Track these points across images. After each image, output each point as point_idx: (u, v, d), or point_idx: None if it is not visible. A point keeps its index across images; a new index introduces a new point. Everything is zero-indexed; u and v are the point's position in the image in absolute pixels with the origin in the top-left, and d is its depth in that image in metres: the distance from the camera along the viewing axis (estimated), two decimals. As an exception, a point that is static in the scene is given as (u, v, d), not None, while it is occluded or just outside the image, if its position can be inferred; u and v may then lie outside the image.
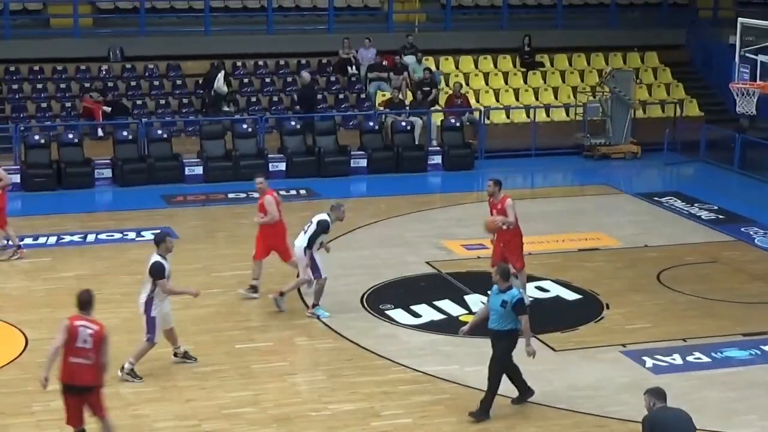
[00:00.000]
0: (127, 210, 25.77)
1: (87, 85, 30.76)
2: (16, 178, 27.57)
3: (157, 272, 15.86)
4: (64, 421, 13.35)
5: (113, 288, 19.64)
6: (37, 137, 28.51)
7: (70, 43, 31.84)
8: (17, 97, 30.41)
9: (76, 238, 23.06)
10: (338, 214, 18.82)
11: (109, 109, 29.79)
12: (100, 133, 29.69)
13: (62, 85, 31.04)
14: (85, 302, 13.28)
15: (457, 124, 31.18)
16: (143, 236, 23.01)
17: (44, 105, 30.30)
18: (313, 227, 18.51)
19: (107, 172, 28.41)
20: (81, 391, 13.10)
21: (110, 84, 31.09)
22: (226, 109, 30.67)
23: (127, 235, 23.46)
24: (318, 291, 18.71)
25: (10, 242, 21.82)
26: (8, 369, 16.32)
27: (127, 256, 21.76)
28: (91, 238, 23.03)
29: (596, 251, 22.90)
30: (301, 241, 18.58)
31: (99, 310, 13.84)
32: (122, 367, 15.88)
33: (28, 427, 14.46)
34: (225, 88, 30.64)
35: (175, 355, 16.71)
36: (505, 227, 18.71)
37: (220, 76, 30.58)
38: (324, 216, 18.63)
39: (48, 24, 33.01)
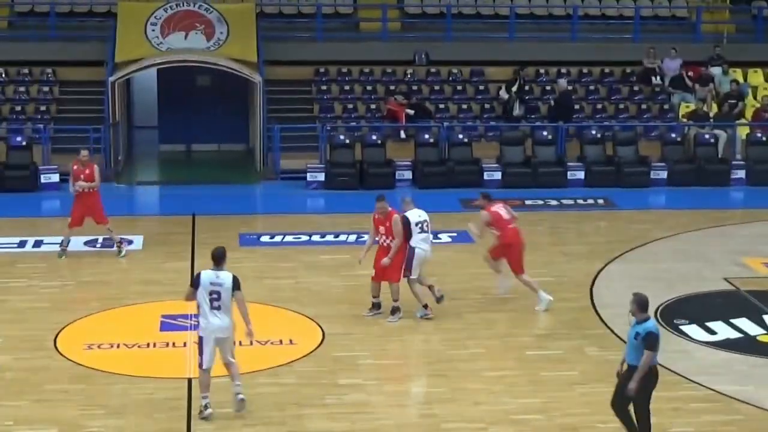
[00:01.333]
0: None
1: (392, 87, 31.47)
2: (321, 177, 28.47)
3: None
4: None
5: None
6: (342, 137, 29.36)
7: (378, 46, 32.64)
8: (325, 97, 31.39)
9: (374, 237, 23.46)
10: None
11: (412, 111, 30.33)
12: (402, 135, 30.28)
13: (368, 87, 31.86)
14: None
15: (764, 139, 30.30)
16: (439, 238, 23.28)
17: (350, 106, 31.15)
18: (430, 223, 19.18)
19: (407, 174, 28.98)
20: None
21: (414, 87, 31.71)
22: (515, 113, 30.79)
23: (424, 236, 23.74)
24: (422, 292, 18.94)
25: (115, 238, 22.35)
26: (305, 361, 16.83)
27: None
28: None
29: None
30: (429, 240, 19.10)
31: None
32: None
33: (320, 418, 14.82)
34: (505, 95, 30.84)
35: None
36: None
37: (509, 83, 30.89)
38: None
39: (358, 27, 33.91)
